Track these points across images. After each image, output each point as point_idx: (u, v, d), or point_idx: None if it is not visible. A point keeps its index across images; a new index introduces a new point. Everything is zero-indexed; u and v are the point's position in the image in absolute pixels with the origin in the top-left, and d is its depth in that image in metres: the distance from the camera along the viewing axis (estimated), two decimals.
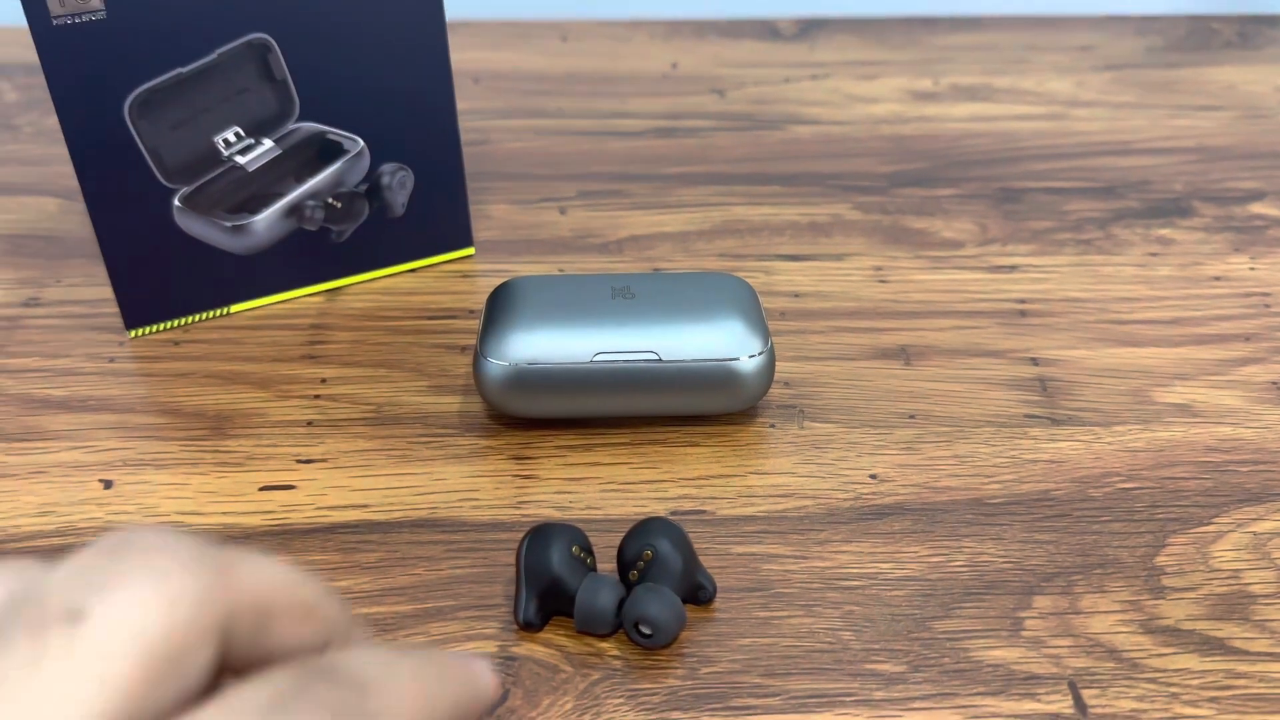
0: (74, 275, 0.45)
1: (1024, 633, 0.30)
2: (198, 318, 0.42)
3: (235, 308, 0.42)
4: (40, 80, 0.61)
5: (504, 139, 0.55)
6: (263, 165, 0.40)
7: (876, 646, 0.30)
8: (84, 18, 0.36)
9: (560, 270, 0.45)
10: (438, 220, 0.44)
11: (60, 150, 0.54)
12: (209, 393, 0.39)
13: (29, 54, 0.64)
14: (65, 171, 0.52)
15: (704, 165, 0.53)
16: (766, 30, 0.66)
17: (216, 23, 0.37)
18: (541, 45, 0.64)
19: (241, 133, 0.39)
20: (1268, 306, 0.43)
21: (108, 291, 0.44)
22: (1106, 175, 0.51)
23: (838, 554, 0.33)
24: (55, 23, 0.35)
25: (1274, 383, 0.39)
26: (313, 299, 0.43)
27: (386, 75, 0.40)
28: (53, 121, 0.57)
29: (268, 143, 0.40)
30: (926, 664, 0.30)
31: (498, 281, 0.45)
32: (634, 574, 0.30)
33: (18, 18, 0.71)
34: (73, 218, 0.49)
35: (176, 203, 0.39)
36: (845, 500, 0.34)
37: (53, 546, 0.33)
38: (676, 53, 0.64)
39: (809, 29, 0.66)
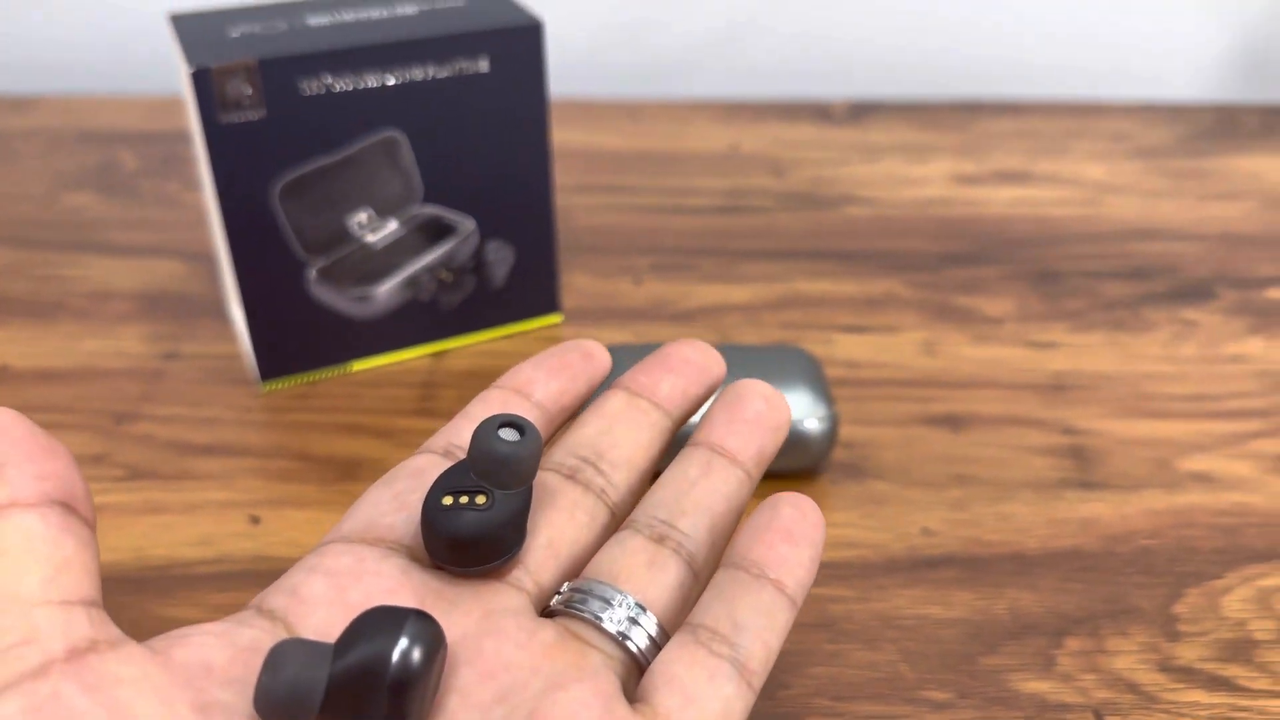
0: (206, 333, 0.51)
1: (1056, 668, 0.35)
2: (322, 374, 0.47)
3: (355, 365, 0.48)
4: (158, 150, 0.67)
5: (581, 213, 0.60)
6: (388, 243, 0.46)
7: (929, 677, 0.35)
8: (245, 117, 0.41)
9: (637, 337, 0.50)
10: (532, 291, 0.50)
11: (182, 215, 0.60)
12: (337, 441, 0.44)
13: (144, 123, 0.70)
14: (188, 236, 0.58)
15: (767, 241, 0.58)
16: (820, 113, 0.72)
17: (355, 122, 0.43)
18: (612, 125, 0.70)
19: (372, 214, 0.45)
20: None
21: (236, 348, 0.50)
22: (1137, 259, 0.56)
23: (895, 597, 0.37)
24: (223, 121, 0.41)
25: None
26: (421, 360, 0.49)
27: (496, 166, 0.46)
28: (172, 188, 0.63)
29: (393, 223, 0.45)
30: (972, 693, 0.34)
31: None
32: None
33: (134, 88, 0.78)
34: (199, 279, 0.55)
35: (312, 274, 0.45)
36: (901, 551, 0.39)
37: (213, 573, 0.39)
38: (737, 133, 0.69)
39: (860, 112, 0.72)
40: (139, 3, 0.76)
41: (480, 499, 0.25)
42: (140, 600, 0.38)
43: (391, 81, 0.43)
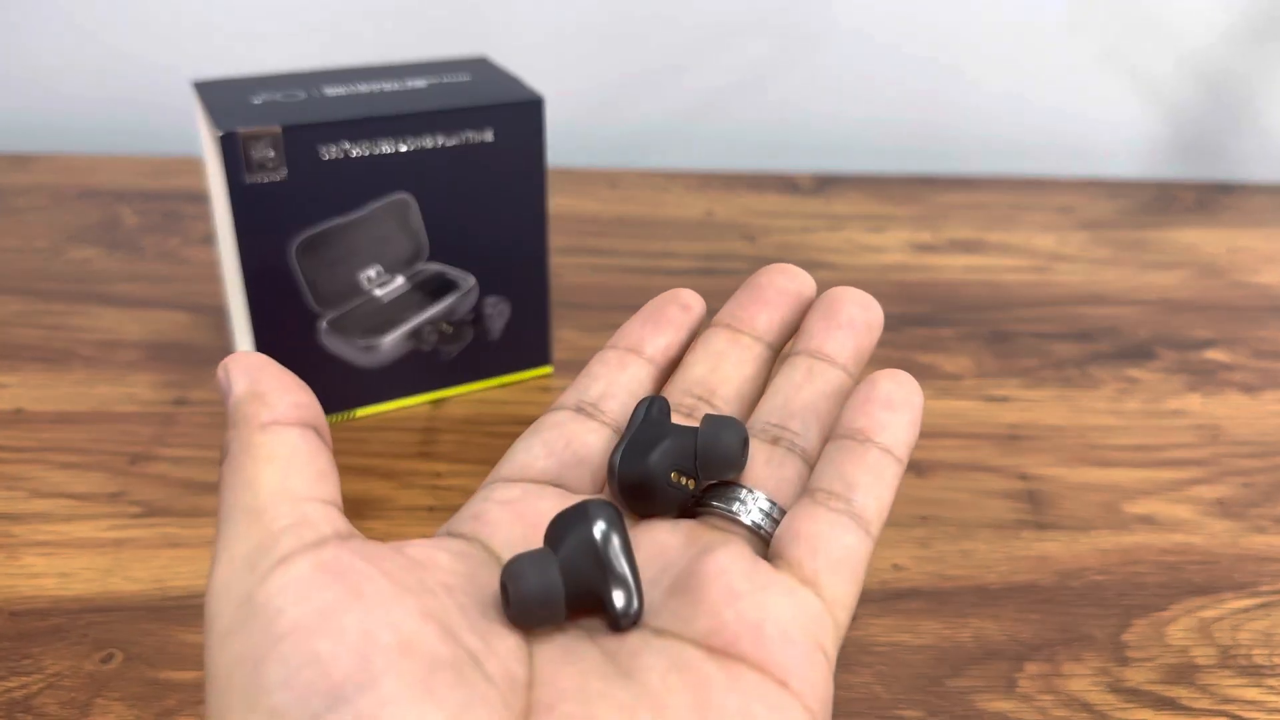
0: (212, 380, 0.53)
1: (1017, 690, 0.38)
2: (329, 420, 0.50)
3: (359, 412, 0.51)
4: (157, 207, 0.70)
5: (568, 273, 0.64)
6: (394, 297, 0.49)
7: (902, 698, 0.38)
8: (269, 178, 0.45)
9: None
10: (526, 344, 0.53)
11: (184, 270, 0.63)
12: (345, 481, 0.47)
13: (142, 181, 0.73)
14: (190, 289, 0.61)
15: None
16: (787, 185, 0.76)
17: (369, 185, 0.46)
18: (594, 192, 0.74)
19: (381, 270, 0.48)
20: (1215, 438, 0.52)
21: None
22: (1083, 322, 0.61)
23: (869, 626, 0.41)
24: (248, 181, 0.44)
25: (1219, 500, 0.48)
26: (422, 406, 0.52)
27: (496, 228, 0.49)
28: (173, 243, 0.66)
29: (400, 279, 0.49)
30: (941, 712, 0.37)
31: None
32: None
33: (133, 148, 0.81)
34: (203, 330, 0.58)
35: (323, 325, 0.48)
36: (874, 584, 0.43)
37: None
38: (710, 201, 0.73)
39: (824, 185, 0.76)
40: (130, 67, 0.79)
41: (690, 484, 0.29)
42: (163, 628, 0.40)
43: (404, 149, 0.46)
